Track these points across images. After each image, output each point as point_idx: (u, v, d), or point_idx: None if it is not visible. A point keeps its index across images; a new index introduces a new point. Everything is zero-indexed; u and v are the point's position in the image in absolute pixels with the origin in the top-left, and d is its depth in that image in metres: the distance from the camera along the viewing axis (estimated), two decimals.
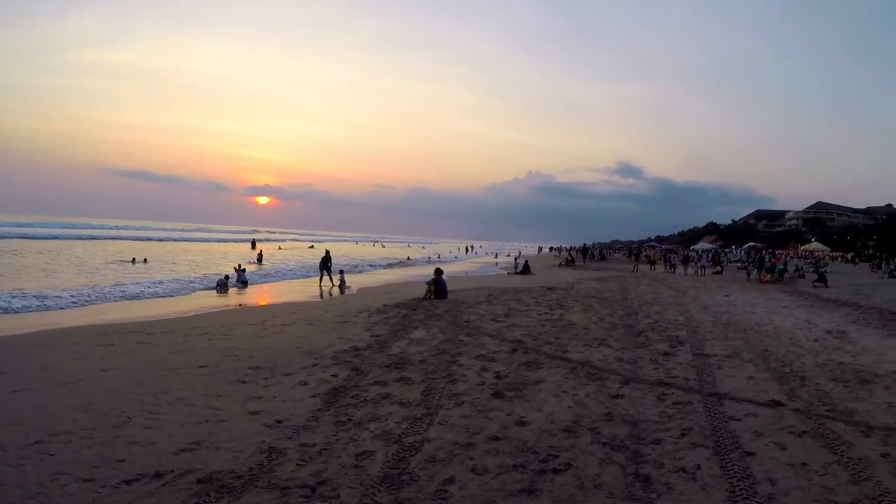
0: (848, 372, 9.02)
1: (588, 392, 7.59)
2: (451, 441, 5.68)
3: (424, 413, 6.53)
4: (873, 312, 16.96)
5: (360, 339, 10.75)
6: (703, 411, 6.82)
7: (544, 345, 10.80)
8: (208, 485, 4.55)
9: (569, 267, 44.18)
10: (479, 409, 6.77)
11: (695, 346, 10.91)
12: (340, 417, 6.28)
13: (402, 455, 5.28)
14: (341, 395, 7.11)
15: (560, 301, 18.14)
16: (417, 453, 5.35)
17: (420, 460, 5.19)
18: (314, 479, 4.72)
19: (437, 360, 9.24)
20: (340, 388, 7.42)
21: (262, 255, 39.32)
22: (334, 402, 6.82)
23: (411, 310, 14.96)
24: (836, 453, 5.51)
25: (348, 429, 5.94)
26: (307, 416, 6.28)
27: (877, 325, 14.43)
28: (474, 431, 5.98)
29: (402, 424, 6.12)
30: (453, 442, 5.66)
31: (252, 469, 4.87)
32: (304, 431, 5.82)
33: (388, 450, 5.40)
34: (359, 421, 6.17)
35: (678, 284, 27.33)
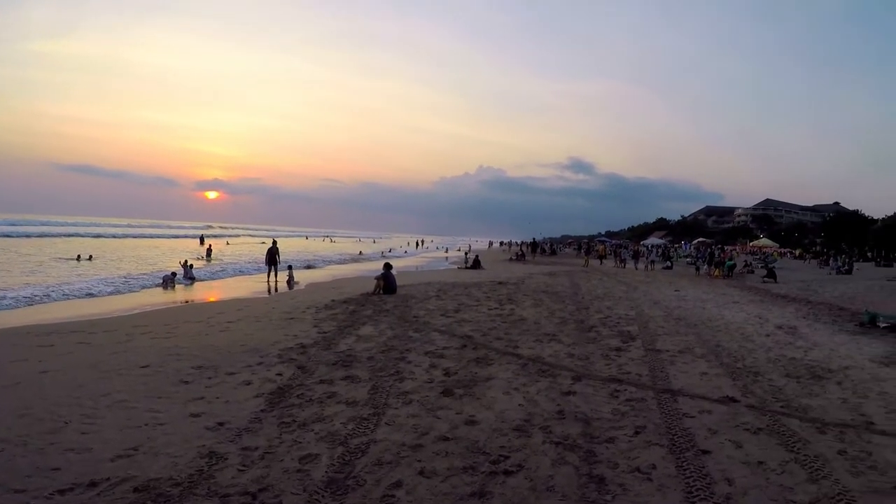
0: (800, 367, 9.17)
1: (539, 389, 7.53)
2: (399, 442, 5.55)
3: (371, 413, 6.40)
4: (823, 308, 17.43)
5: (306, 336, 10.66)
6: (657, 408, 6.81)
7: (494, 340, 10.77)
8: (145, 493, 4.40)
9: (519, 262, 44.93)
10: (427, 407, 6.66)
11: (646, 342, 10.99)
12: (284, 418, 6.16)
13: (348, 458, 5.14)
14: (286, 395, 7.00)
15: (510, 296, 18.25)
16: (364, 456, 5.21)
17: (366, 463, 5.05)
18: (255, 486, 4.55)
19: (384, 357, 9.15)
20: (285, 388, 7.31)
21: (210, 251, 39.00)
22: (279, 403, 6.70)
23: (360, 305, 14.93)
24: (792, 451, 5.53)
25: (292, 430, 5.82)
26: (250, 418, 6.15)
27: (827, 320, 14.80)
28: (423, 432, 5.86)
29: (349, 425, 5.98)
30: (401, 443, 5.52)
31: (191, 475, 4.72)
32: (246, 434, 5.68)
33: (333, 452, 5.25)
34: (303, 422, 6.06)
35: (629, 279, 27.76)
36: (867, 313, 14.27)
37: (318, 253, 49.93)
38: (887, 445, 5.78)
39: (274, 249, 23.99)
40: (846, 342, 11.57)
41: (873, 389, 7.95)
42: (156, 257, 36.21)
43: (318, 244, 77.33)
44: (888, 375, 8.81)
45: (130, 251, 42.65)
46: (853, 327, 13.61)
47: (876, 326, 13.42)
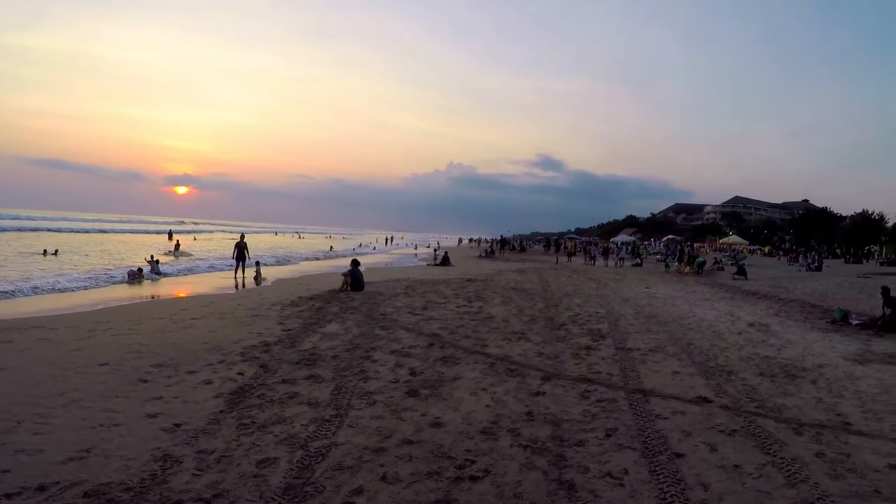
0: (774, 366, 9.15)
1: (507, 389, 7.38)
2: (361, 445, 5.38)
3: (333, 414, 6.24)
4: (795, 305, 17.59)
5: (270, 334, 10.55)
6: (629, 409, 6.69)
7: (462, 339, 10.64)
8: (95, 499, 4.27)
9: (488, 258, 45.00)
10: (392, 409, 6.50)
11: (617, 340, 10.91)
12: (244, 420, 6.00)
13: (307, 462, 4.98)
14: (246, 395, 6.86)
15: (479, 293, 18.17)
16: (324, 460, 5.05)
17: (326, 468, 4.88)
18: (210, 492, 4.40)
19: (349, 355, 9.00)
20: (246, 387, 7.17)
21: (179, 246, 38.67)
22: (238, 403, 6.56)
23: (326, 302, 14.79)
24: (769, 453, 5.44)
25: (251, 433, 5.66)
26: (208, 419, 6.00)
27: (799, 317, 14.91)
28: (386, 434, 5.69)
29: (309, 427, 5.82)
30: (363, 447, 5.36)
31: (144, 480, 4.58)
32: (203, 436, 5.53)
33: (292, 456, 5.09)
34: (263, 424, 5.90)
35: (598, 276, 27.81)
36: (839, 310, 14.39)
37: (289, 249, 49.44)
38: (865, 447, 5.73)
39: (242, 245, 23.55)
40: (819, 340, 11.63)
41: (848, 388, 7.95)
42: (123, 252, 35.77)
43: (286, 240, 76.89)
44: (862, 374, 8.83)
45: (97, 246, 42.29)
46: (825, 325, 13.72)
47: (848, 324, 13.54)
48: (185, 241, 48.40)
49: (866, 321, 13.45)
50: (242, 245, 23.48)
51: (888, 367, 9.30)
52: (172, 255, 34.34)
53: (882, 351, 10.61)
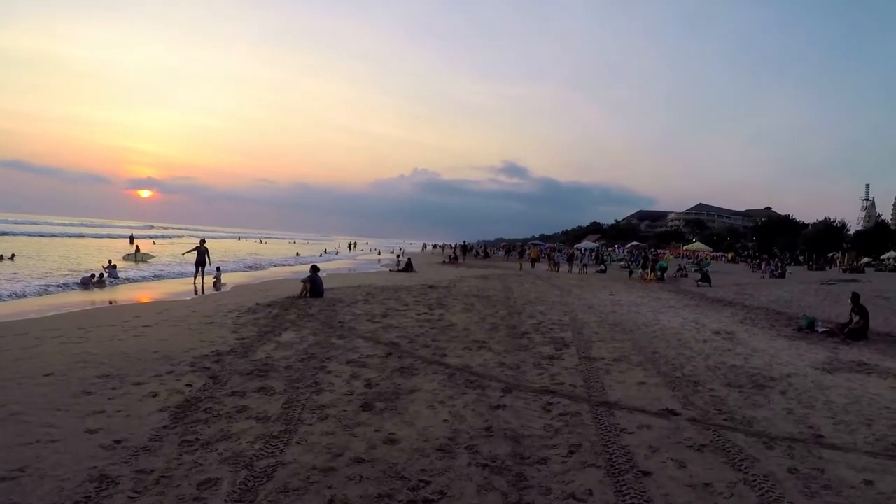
0: (742, 376, 9.02)
1: (466, 402, 7.11)
2: (309, 465, 5.09)
3: (283, 430, 5.94)
4: (760, 312, 17.68)
5: (223, 343, 10.27)
6: (593, 423, 6.45)
7: (421, 348, 10.39)
8: None
9: (452, 265, 45.08)
10: (344, 424, 6.20)
11: (581, 349, 10.72)
12: (188, 436, 5.70)
13: (251, 484, 4.70)
14: (193, 409, 6.55)
15: (440, 300, 18.02)
16: (269, 481, 4.75)
17: (271, 490, 4.60)
18: None
19: (303, 366, 8.72)
20: (193, 401, 6.86)
21: (139, 251, 38.09)
22: (184, 418, 6.25)
23: (284, 309, 14.56)
24: (740, 470, 5.23)
25: (194, 450, 5.36)
26: (150, 435, 5.70)
27: (764, 325, 14.94)
28: (336, 452, 5.38)
29: (256, 444, 5.52)
30: (311, 466, 5.06)
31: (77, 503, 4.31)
32: (143, 454, 5.23)
33: (235, 477, 4.81)
34: (207, 440, 5.60)
35: (562, 283, 27.82)
36: (805, 318, 14.43)
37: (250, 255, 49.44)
38: (839, 461, 5.57)
39: (202, 250, 23.36)
40: (786, 348, 11.59)
41: (818, 399, 7.83)
42: (82, 257, 35.44)
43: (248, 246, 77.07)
44: (832, 383, 8.75)
45: (56, 250, 41.93)
46: (791, 332, 13.74)
47: (814, 331, 13.58)
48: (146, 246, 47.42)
49: (832, 328, 13.49)
50: (203, 251, 23.32)
51: (857, 377, 9.25)
52: (133, 259, 34.16)
53: (850, 359, 10.58)
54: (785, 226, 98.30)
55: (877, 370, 9.74)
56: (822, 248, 77.26)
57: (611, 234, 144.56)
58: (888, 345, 12.36)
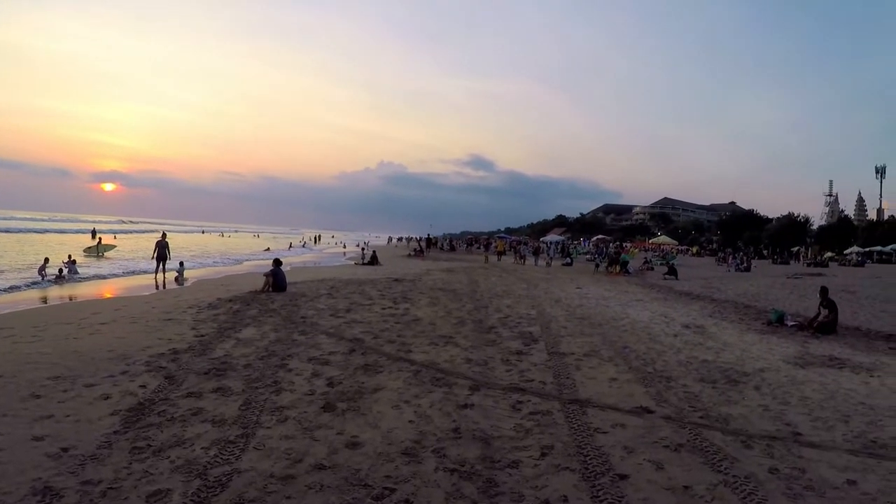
0: (714, 371, 8.91)
1: (433, 401, 6.86)
2: (267, 472, 4.79)
3: (239, 434, 5.64)
4: (728, 306, 17.73)
5: (181, 340, 9.95)
6: (565, 423, 6.23)
7: (386, 344, 10.16)
8: None
9: (417, 257, 45.02)
10: (304, 426, 5.90)
11: (550, 344, 10.56)
12: (139, 442, 5.37)
13: (204, 494, 4.42)
14: (146, 412, 6.23)
15: (406, 294, 17.83)
16: (223, 491, 4.47)
17: (225, 501, 4.31)
18: None
19: (263, 364, 8.44)
20: (147, 403, 6.53)
21: (101, 245, 37.49)
22: (136, 422, 5.92)
23: (245, 304, 14.29)
24: (719, 471, 5.06)
25: (145, 458, 5.04)
26: (99, 442, 5.35)
27: (734, 318, 14.94)
28: (296, 458, 5.09)
29: (211, 450, 5.21)
30: (269, 474, 4.76)
31: None
32: (91, 463, 4.90)
33: (187, 487, 4.53)
34: (159, 447, 5.28)
35: (529, 276, 27.76)
36: (775, 312, 14.46)
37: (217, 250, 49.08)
38: (820, 460, 5.43)
39: (163, 244, 23.10)
40: (756, 342, 11.55)
41: (793, 394, 7.74)
42: (42, 252, 34.17)
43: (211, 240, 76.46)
44: (805, 378, 8.68)
45: (15, 245, 41.06)
46: (761, 326, 13.75)
47: (784, 325, 13.59)
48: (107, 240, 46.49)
49: (802, 322, 13.54)
50: (163, 245, 23.09)
51: (830, 371, 9.20)
52: (94, 252, 33.82)
53: (821, 353, 10.57)
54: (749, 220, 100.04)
55: (848, 364, 9.71)
56: (785, 242, 78.74)
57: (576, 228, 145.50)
58: (857, 339, 12.40)
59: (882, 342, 12.09)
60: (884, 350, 11.15)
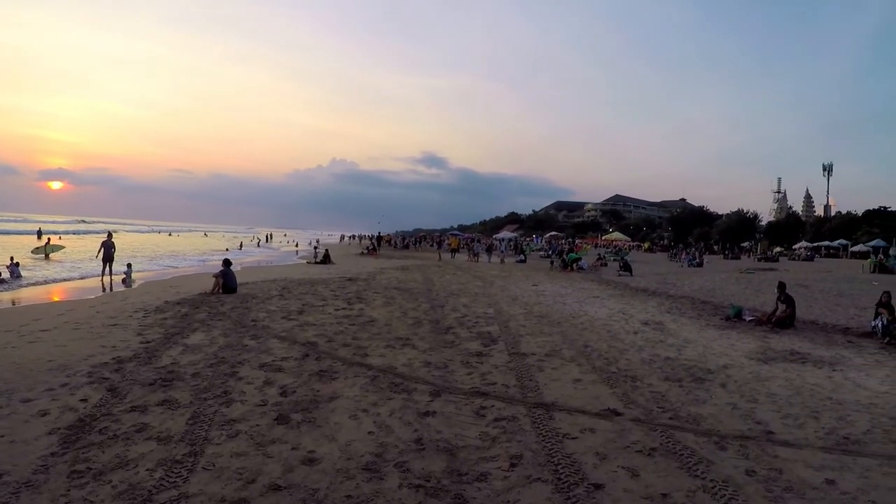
0: (679, 369, 8.81)
1: (392, 409, 6.56)
2: (217, 496, 4.44)
3: (187, 453, 5.25)
4: (685, 302, 17.83)
5: (126, 347, 9.46)
6: (532, 429, 6.00)
7: (341, 347, 9.83)
8: None
9: (371, 256, 44.68)
10: (257, 441, 5.53)
11: (510, 344, 10.36)
12: (78, 465, 4.94)
13: None
14: (86, 430, 5.78)
15: (360, 294, 17.51)
16: None
17: None
18: None
19: (212, 372, 8.04)
20: (87, 419, 6.07)
21: (49, 246, 35.97)
22: (75, 441, 5.47)
23: (194, 307, 13.83)
24: (696, 476, 4.89)
25: (84, 483, 4.63)
26: (35, 466, 4.93)
27: (691, 314, 14.98)
28: (249, 478, 4.73)
29: (156, 472, 4.83)
30: (220, 497, 4.41)
31: None
32: (25, 491, 4.49)
33: None
34: (100, 470, 4.86)
35: (483, 274, 27.62)
36: (733, 307, 14.55)
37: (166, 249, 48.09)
38: (796, 459, 5.33)
39: (109, 244, 22.40)
40: (717, 338, 11.53)
41: (760, 391, 7.68)
42: None
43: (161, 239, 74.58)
44: (770, 374, 8.66)
45: None
46: (719, 321, 13.79)
47: (742, 320, 13.66)
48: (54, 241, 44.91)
49: (760, 317, 13.62)
50: (109, 245, 22.38)
51: (793, 366, 9.20)
52: (41, 252, 32.89)
53: (782, 348, 10.59)
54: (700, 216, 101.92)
55: (810, 359, 9.75)
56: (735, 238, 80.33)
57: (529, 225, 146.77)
58: (815, 333, 12.51)
59: (840, 335, 12.23)
60: (843, 344, 11.26)
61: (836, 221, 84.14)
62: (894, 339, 11.23)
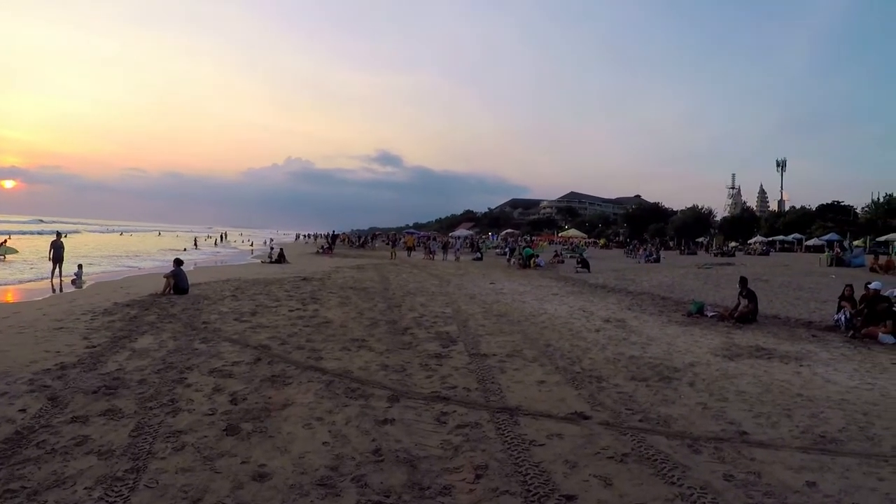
0: (644, 367, 8.63)
1: (348, 417, 6.20)
2: None
3: (129, 469, 4.83)
4: (645, 298, 17.81)
5: (71, 352, 8.95)
6: (497, 436, 5.69)
7: (294, 350, 9.44)
8: None
9: (325, 254, 44.36)
10: (204, 455, 5.12)
11: (469, 345, 10.09)
12: (12, 484, 4.53)
13: None
14: (23, 444, 5.34)
15: (314, 294, 17.16)
16: None
17: None
18: None
19: (159, 378, 7.59)
20: (25, 432, 5.64)
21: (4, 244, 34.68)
22: (11, 456, 5.04)
23: (144, 309, 13.30)
24: (672, 483, 4.65)
25: None
26: None
27: (653, 311, 14.93)
28: (195, 497, 4.35)
29: (95, 491, 4.43)
30: None
31: None
32: None
33: None
34: (35, 489, 4.47)
35: (440, 272, 27.44)
36: (694, 303, 14.55)
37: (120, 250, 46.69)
38: (773, 461, 5.15)
39: (58, 244, 21.71)
40: (680, 335, 11.45)
41: (729, 389, 7.55)
42: None
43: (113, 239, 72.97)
44: (737, 371, 8.55)
45: None
46: (681, 317, 13.75)
47: (704, 316, 13.62)
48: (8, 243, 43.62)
49: (722, 313, 13.61)
50: (59, 245, 21.69)
51: (759, 362, 9.12)
52: None
53: (746, 344, 10.55)
54: (655, 213, 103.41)
55: (776, 354, 9.70)
56: (691, 233, 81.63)
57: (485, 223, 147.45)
58: (778, 327, 12.53)
59: (803, 329, 12.26)
60: (807, 338, 11.26)
61: (791, 216, 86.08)
62: (858, 332, 11.27)
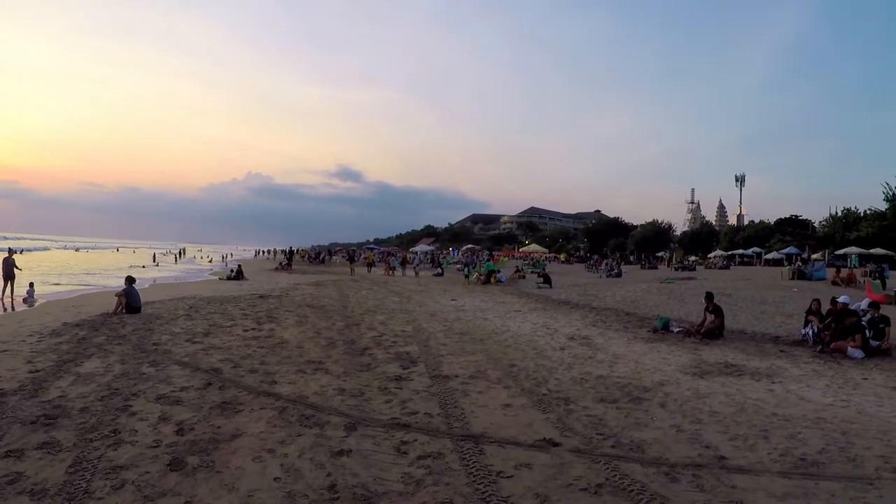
0: (613, 388, 8.38)
1: (302, 448, 5.76)
2: None
3: None
4: (609, 314, 17.65)
5: (12, 378, 8.34)
6: (462, 467, 5.32)
7: (247, 374, 8.96)
8: None
9: (285, 271, 44.02)
10: (145, 494, 4.64)
11: (430, 366, 9.75)
12: None
13: None
14: None
15: (271, 312, 16.64)
16: None
17: None
18: None
19: (103, 406, 7.04)
20: None
21: None
22: None
23: (93, 330, 12.64)
24: None
25: None
26: None
27: (618, 327, 14.76)
28: None
29: None
30: None
31: None
32: None
33: None
34: None
35: (400, 288, 27.14)
36: (660, 319, 14.40)
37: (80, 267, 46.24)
38: (755, 488, 4.90)
39: (10, 261, 21.17)
40: (647, 352, 11.27)
41: (702, 409, 7.33)
42: None
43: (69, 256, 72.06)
44: (708, 389, 8.35)
45: None
46: (647, 334, 13.60)
47: (670, 332, 13.47)
48: None
49: (688, 329, 13.50)
50: (10, 262, 21.18)
51: (731, 380, 8.96)
52: None
53: (715, 360, 10.41)
54: (615, 227, 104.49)
55: (746, 371, 9.58)
56: (651, 248, 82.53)
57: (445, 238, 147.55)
58: (745, 343, 12.47)
59: (771, 345, 12.20)
60: (775, 354, 11.17)
61: (750, 230, 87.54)
62: (826, 346, 11.19)
